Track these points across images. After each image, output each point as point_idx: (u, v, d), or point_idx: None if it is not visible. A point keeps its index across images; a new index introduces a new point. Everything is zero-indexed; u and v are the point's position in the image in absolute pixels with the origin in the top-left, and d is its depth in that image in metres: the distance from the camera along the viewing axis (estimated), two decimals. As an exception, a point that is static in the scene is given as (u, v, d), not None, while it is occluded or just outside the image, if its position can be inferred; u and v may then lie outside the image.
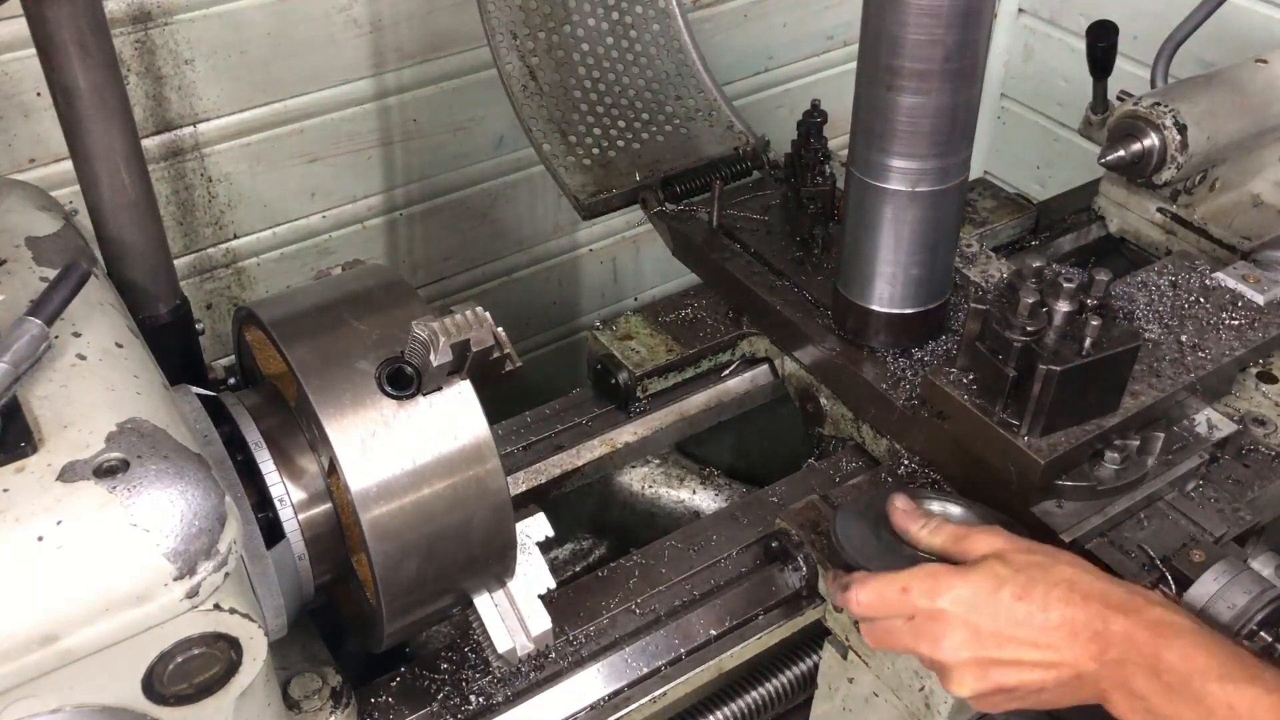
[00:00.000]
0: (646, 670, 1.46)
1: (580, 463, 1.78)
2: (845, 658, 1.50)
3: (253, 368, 1.36)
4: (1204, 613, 1.36)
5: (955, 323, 1.72)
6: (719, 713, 1.62)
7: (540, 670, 1.43)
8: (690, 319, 1.90)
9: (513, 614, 1.32)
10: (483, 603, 1.31)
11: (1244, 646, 1.23)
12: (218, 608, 1.00)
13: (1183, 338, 1.63)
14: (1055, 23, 3.16)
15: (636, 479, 1.91)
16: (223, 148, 2.28)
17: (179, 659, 1.00)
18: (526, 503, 1.39)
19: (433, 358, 1.13)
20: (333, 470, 1.20)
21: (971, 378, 1.51)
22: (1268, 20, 2.65)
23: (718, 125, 2.14)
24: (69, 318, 1.09)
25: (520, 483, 1.72)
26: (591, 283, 3.03)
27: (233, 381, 1.44)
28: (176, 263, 1.56)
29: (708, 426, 1.91)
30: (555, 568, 1.53)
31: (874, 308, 1.66)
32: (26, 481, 0.96)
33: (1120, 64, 2.14)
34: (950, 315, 1.73)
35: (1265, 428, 1.64)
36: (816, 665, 1.61)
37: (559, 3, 2.08)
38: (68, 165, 1.33)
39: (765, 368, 1.90)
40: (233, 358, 1.43)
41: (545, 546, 1.36)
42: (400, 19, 2.35)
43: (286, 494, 1.21)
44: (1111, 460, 1.46)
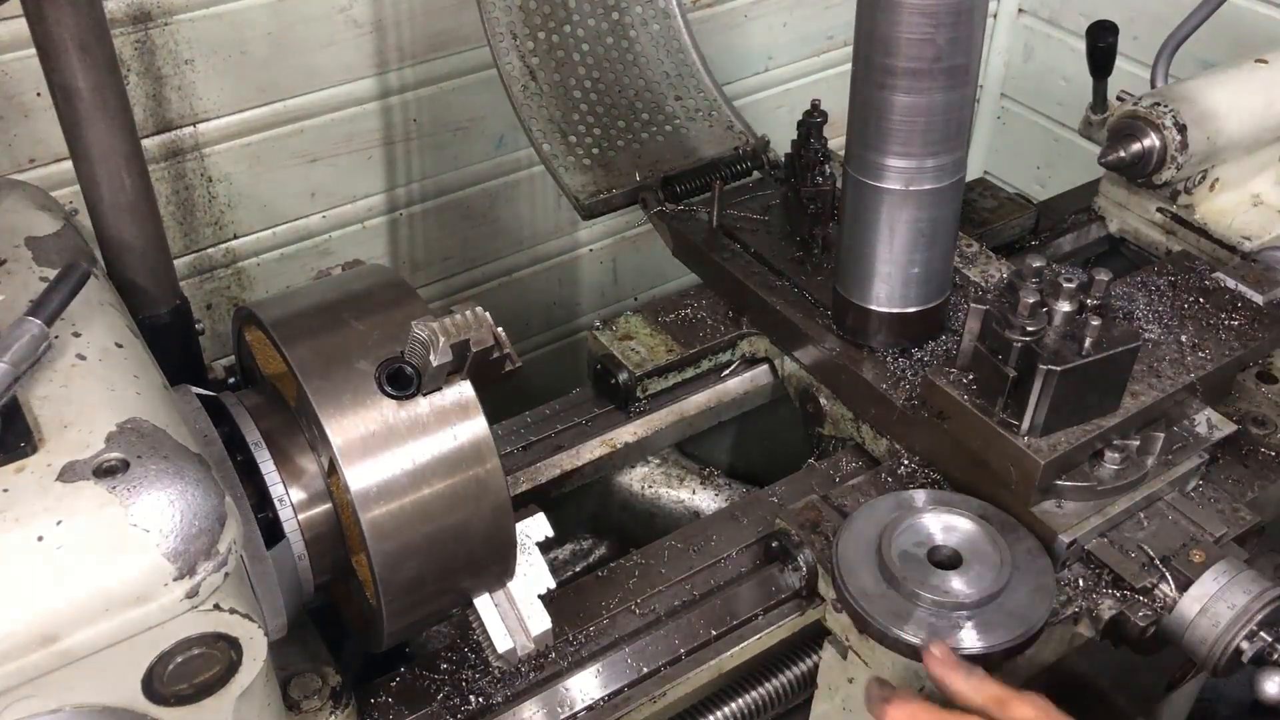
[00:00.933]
0: (646, 670, 1.46)
1: (580, 463, 1.78)
2: (845, 658, 1.50)
3: (253, 368, 1.36)
4: (1204, 612, 1.36)
5: (955, 322, 1.72)
6: (719, 713, 1.62)
7: (540, 670, 1.43)
8: (690, 319, 1.90)
9: (513, 614, 1.32)
10: (483, 603, 1.31)
11: None
12: (218, 608, 1.00)
13: (1183, 338, 1.63)
14: (1055, 23, 3.16)
15: (636, 479, 1.91)
16: (223, 148, 2.28)
17: (179, 659, 1.00)
18: (526, 503, 1.39)
19: (433, 358, 1.13)
20: (333, 470, 1.20)
21: (971, 378, 1.51)
22: (1268, 20, 2.65)
23: (718, 125, 2.14)
24: (69, 318, 1.09)
25: (520, 483, 1.72)
26: (591, 283, 3.03)
27: (233, 381, 1.44)
28: (176, 263, 1.56)
29: (708, 426, 1.91)
30: (555, 568, 1.53)
31: (873, 307, 1.66)
32: (26, 481, 0.96)
33: (1120, 64, 2.14)
34: (950, 315, 1.73)
35: (1265, 428, 1.64)
36: (816, 665, 1.61)
37: (559, 3, 2.08)
38: (68, 165, 1.33)
39: (765, 368, 1.90)
40: (233, 358, 1.43)
41: (545, 546, 1.36)
42: (400, 19, 2.35)
43: (286, 494, 1.21)
44: (1111, 460, 1.46)
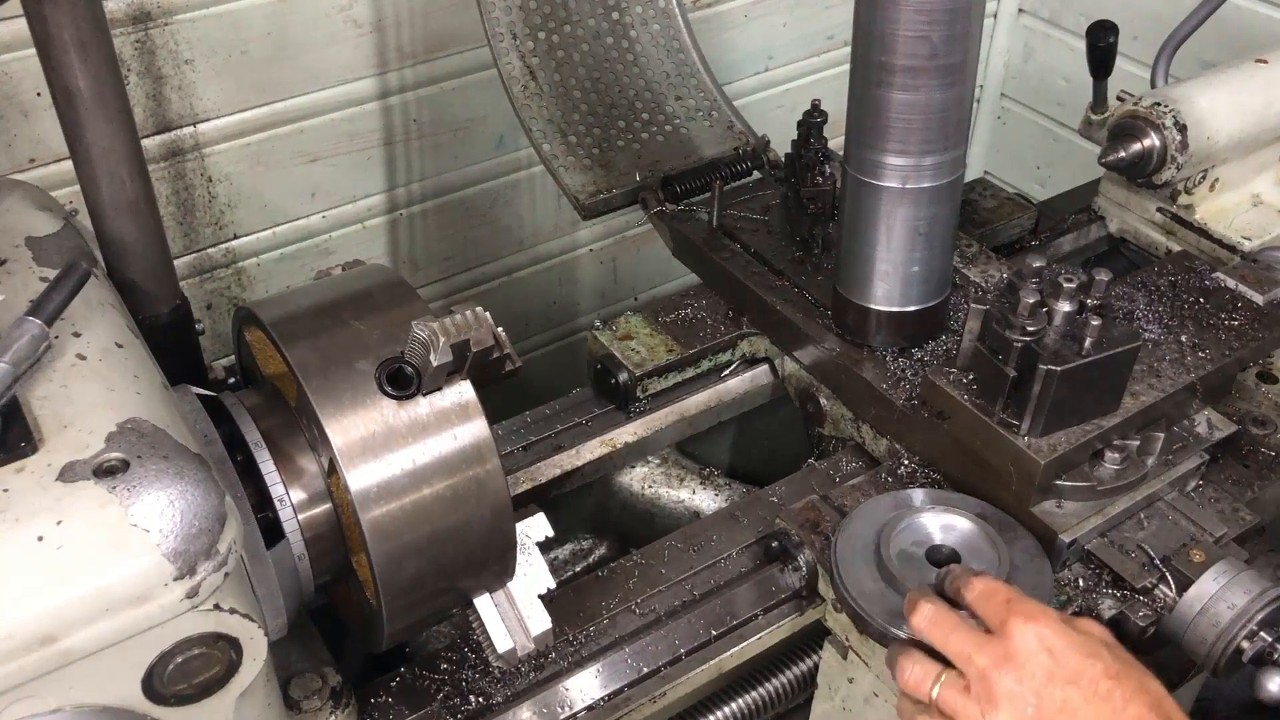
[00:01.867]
0: (646, 670, 1.45)
1: (580, 463, 1.77)
2: (845, 658, 1.50)
3: (253, 368, 1.36)
4: (1204, 613, 1.36)
5: (955, 322, 1.72)
6: (719, 713, 1.62)
7: (540, 670, 1.43)
8: (690, 319, 1.90)
9: (513, 614, 1.32)
10: (483, 603, 1.31)
11: None
12: (218, 608, 1.00)
13: (1183, 338, 1.63)
14: (1055, 23, 3.16)
15: (636, 479, 1.91)
16: (223, 148, 2.28)
17: (179, 659, 1.00)
18: (526, 503, 1.39)
19: (433, 358, 1.13)
20: (333, 470, 1.20)
21: (971, 377, 1.51)
22: (1268, 20, 2.65)
23: (718, 125, 2.14)
24: (69, 318, 1.09)
25: (520, 483, 1.72)
26: (591, 283, 3.03)
27: (233, 381, 1.44)
28: (176, 263, 1.56)
29: (708, 426, 1.91)
30: (555, 568, 1.53)
31: (872, 306, 1.66)
32: (26, 481, 0.96)
33: (1120, 64, 2.14)
34: (950, 315, 1.73)
35: (1265, 428, 1.64)
36: (816, 665, 1.61)
37: (559, 3, 2.08)
38: (68, 165, 1.33)
39: (765, 368, 1.90)
40: (233, 358, 1.43)
41: (545, 546, 1.36)
42: (400, 19, 2.35)
43: (286, 494, 1.21)
44: (1111, 460, 1.46)
